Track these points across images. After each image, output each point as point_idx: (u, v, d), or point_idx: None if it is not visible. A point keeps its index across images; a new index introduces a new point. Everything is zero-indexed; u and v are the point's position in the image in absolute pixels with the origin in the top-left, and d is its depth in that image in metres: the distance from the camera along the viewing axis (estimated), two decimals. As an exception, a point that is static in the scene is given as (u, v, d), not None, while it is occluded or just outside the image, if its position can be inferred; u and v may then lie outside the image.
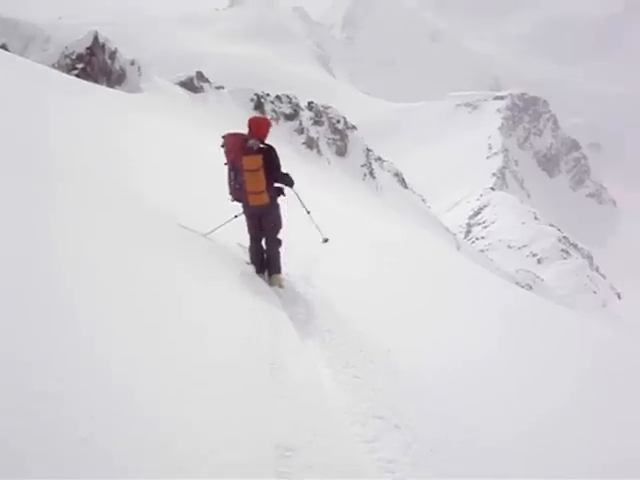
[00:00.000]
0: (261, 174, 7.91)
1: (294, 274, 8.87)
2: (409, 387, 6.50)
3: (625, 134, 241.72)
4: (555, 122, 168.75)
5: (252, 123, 8.21)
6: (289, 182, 8.34)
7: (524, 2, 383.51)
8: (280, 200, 8.41)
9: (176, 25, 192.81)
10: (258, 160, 7.87)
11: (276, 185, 8.28)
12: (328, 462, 4.46)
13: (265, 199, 8.04)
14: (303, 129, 46.90)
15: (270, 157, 8.04)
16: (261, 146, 7.98)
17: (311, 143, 46.14)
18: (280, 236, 8.47)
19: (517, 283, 48.41)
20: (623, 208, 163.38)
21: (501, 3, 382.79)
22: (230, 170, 8.21)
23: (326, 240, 9.01)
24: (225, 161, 8.25)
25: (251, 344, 5.75)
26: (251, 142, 7.94)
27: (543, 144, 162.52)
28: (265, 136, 8.22)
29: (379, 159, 54.74)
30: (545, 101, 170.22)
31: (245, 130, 8.19)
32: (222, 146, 8.21)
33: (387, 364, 6.87)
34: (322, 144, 47.91)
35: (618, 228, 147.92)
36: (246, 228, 8.43)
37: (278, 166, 8.20)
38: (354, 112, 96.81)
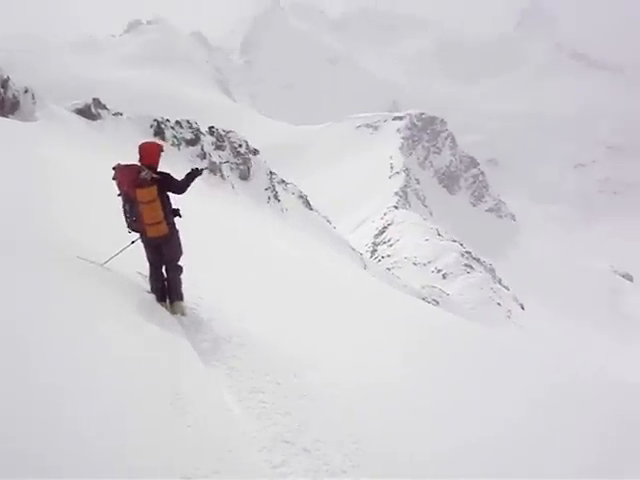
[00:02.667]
0: (157, 204, 7.68)
1: (197, 301, 8.70)
2: (318, 409, 6.46)
3: (520, 149, 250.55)
4: (453, 140, 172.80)
5: (142, 150, 7.98)
6: (189, 182, 7.97)
7: (418, 25, 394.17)
8: (178, 224, 8.17)
9: (72, 51, 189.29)
10: (152, 192, 7.63)
11: (173, 208, 8.03)
12: (234, 491, 4.38)
13: (164, 229, 7.80)
14: (205, 154, 46.49)
15: (165, 184, 7.81)
16: (154, 176, 7.72)
17: (214, 168, 45.77)
18: (181, 262, 8.24)
19: (424, 299, 49.21)
20: (521, 221, 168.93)
21: (396, 26, 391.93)
22: (125, 202, 7.92)
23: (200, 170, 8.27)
24: (118, 192, 7.96)
25: (152, 376, 5.59)
26: (144, 174, 7.66)
27: (442, 162, 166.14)
28: (157, 162, 7.98)
29: (283, 182, 54.83)
30: (442, 120, 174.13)
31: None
32: (113, 178, 7.89)
33: (295, 387, 6.82)
34: (225, 169, 47.63)
35: (518, 240, 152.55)
36: (145, 255, 8.20)
37: (176, 186, 7.90)
38: (256, 136, 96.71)
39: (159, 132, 44.52)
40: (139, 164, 7.88)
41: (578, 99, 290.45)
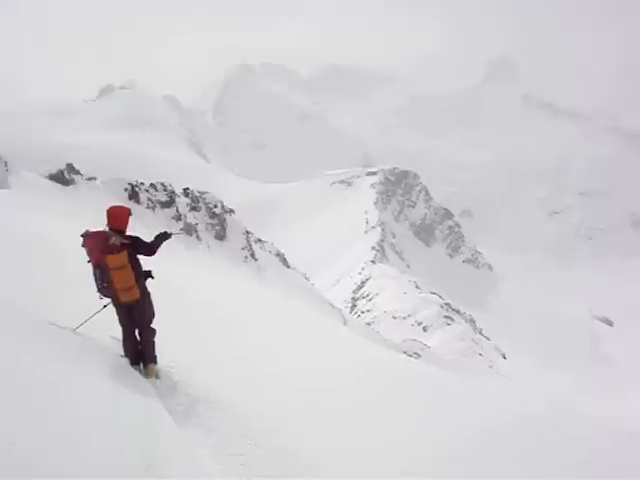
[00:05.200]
0: (128, 270, 7.65)
1: (171, 363, 8.56)
2: (296, 469, 6.35)
3: (493, 199, 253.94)
4: (427, 193, 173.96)
5: (111, 214, 7.97)
6: (159, 244, 8.07)
7: (386, 80, 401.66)
8: (149, 286, 8.13)
9: (44, 117, 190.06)
10: (123, 257, 7.60)
11: (145, 270, 8.02)
12: None
13: (136, 294, 7.75)
14: (180, 216, 46.43)
15: (135, 248, 7.82)
16: (124, 242, 7.71)
17: (189, 229, 45.73)
18: (153, 325, 8.15)
19: (405, 352, 48.96)
20: (499, 270, 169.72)
21: (364, 83, 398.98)
22: (95, 268, 7.84)
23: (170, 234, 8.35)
24: (88, 259, 7.91)
25: (125, 442, 5.45)
26: (113, 240, 7.65)
27: (417, 215, 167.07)
28: (126, 226, 7.99)
29: (259, 240, 54.84)
30: (415, 174, 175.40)
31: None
32: (83, 245, 7.84)
33: (272, 446, 6.71)
34: (201, 229, 47.58)
35: (496, 290, 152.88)
36: (117, 319, 8.08)
37: (146, 249, 7.94)
38: (231, 196, 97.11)
39: (133, 195, 44.48)
40: (107, 229, 7.87)
41: (547, 147, 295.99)
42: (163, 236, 8.19)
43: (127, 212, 8.16)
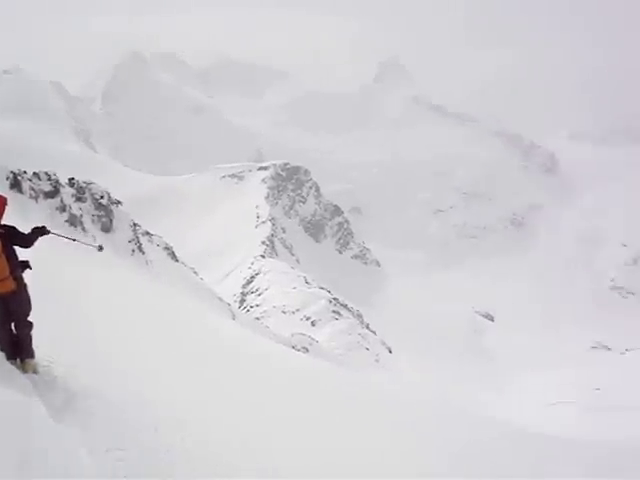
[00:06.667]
0: (2, 260, 7.28)
1: (50, 358, 8.30)
2: (181, 465, 6.29)
3: (381, 198, 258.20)
4: (317, 189, 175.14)
5: None
6: (35, 237, 7.82)
7: (279, 76, 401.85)
8: (26, 277, 7.82)
9: None
10: None
11: (21, 260, 7.68)
12: None
13: (11, 285, 7.39)
14: (65, 206, 45.02)
15: (10, 237, 7.49)
16: None
17: (74, 221, 44.39)
18: (30, 318, 7.80)
19: (293, 347, 49.25)
20: (386, 267, 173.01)
21: (258, 78, 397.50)
22: None
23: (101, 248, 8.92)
24: None
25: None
26: None
27: (308, 211, 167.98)
28: (0, 215, 7.56)
29: (147, 233, 53.92)
30: (307, 170, 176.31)
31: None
32: None
33: (155, 442, 6.62)
34: (86, 221, 46.29)
35: (383, 286, 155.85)
36: None
37: (22, 240, 7.63)
38: (119, 187, 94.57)
39: (15, 184, 42.84)
40: None
41: (435, 148, 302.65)
42: (40, 230, 7.93)
43: (2, 201, 7.81)
